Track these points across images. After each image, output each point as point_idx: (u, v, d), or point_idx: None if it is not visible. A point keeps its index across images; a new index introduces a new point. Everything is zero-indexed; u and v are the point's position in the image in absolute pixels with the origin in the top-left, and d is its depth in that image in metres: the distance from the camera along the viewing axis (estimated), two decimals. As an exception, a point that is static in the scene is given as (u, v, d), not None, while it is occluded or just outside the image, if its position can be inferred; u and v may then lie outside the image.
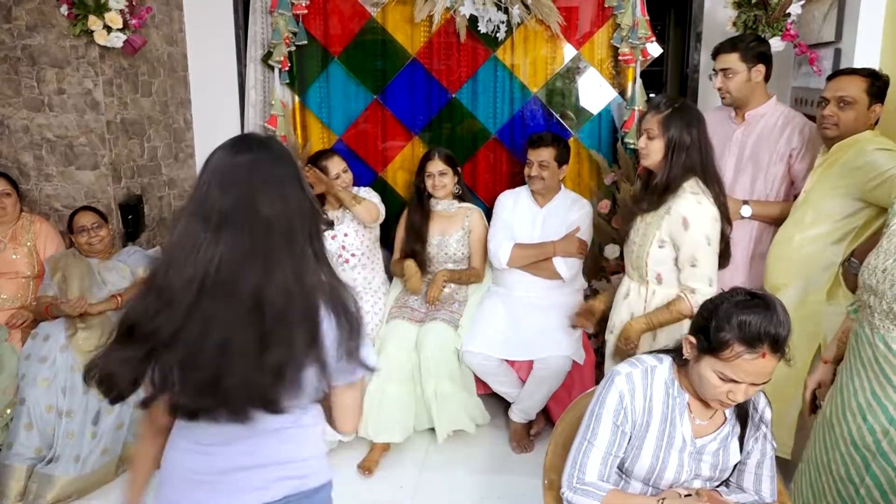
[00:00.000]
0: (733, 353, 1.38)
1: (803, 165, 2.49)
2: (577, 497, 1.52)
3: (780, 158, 2.52)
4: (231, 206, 1.12)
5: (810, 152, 2.47)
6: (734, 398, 1.43)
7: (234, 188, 1.13)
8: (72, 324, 2.71)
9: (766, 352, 1.37)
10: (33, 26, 3.03)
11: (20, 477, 2.56)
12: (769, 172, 2.54)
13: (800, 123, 2.53)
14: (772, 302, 1.41)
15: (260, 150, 1.18)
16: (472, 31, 3.34)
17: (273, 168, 1.17)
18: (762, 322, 1.37)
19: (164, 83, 3.46)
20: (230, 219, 1.12)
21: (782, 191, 2.56)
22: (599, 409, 1.56)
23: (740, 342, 1.38)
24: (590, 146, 3.43)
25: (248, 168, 1.15)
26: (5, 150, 3.16)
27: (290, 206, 1.16)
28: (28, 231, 2.99)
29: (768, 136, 2.54)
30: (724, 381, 1.42)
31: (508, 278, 3.04)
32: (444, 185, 3.10)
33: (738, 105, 2.58)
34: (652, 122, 2.14)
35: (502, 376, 2.90)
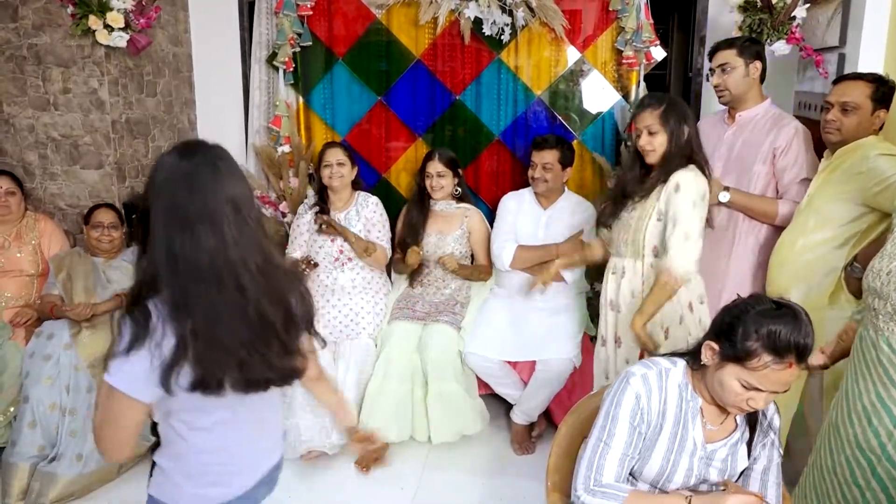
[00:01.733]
0: (761, 362, 1.38)
1: (785, 162, 2.48)
2: (594, 500, 1.49)
3: (763, 159, 2.52)
4: (201, 202, 1.21)
5: (795, 150, 2.47)
6: (754, 405, 1.43)
7: (198, 187, 1.22)
8: (76, 323, 2.71)
9: (792, 362, 1.37)
10: (39, 26, 3.04)
11: (23, 475, 2.56)
12: (754, 174, 2.54)
13: (787, 124, 2.52)
14: (798, 311, 1.40)
15: (204, 152, 1.26)
16: (477, 33, 3.35)
17: (221, 165, 1.26)
18: (791, 332, 1.36)
19: (168, 83, 3.47)
20: (205, 215, 1.21)
21: (768, 193, 2.56)
22: (615, 410, 1.55)
23: (769, 352, 1.37)
24: (593, 149, 3.44)
25: (202, 167, 1.23)
26: (10, 148, 3.16)
27: (246, 195, 1.28)
28: (32, 230, 3.00)
29: (756, 137, 2.55)
30: (746, 389, 1.42)
31: (511, 280, 3.04)
32: (441, 187, 3.12)
33: (735, 103, 2.59)
34: (650, 118, 2.19)
35: (504, 378, 2.91)
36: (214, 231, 1.20)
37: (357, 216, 3.15)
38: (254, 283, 1.24)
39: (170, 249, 1.19)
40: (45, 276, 2.93)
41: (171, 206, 1.20)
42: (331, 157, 3.11)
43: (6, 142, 3.16)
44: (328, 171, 3.09)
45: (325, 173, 3.10)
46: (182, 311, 1.20)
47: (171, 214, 1.20)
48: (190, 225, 1.19)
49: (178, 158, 1.23)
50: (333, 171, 3.09)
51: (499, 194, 3.28)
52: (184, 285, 1.20)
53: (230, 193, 1.23)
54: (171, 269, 1.19)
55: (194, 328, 1.19)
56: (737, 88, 2.55)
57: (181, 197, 1.19)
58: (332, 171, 3.09)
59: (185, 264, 1.19)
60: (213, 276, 1.21)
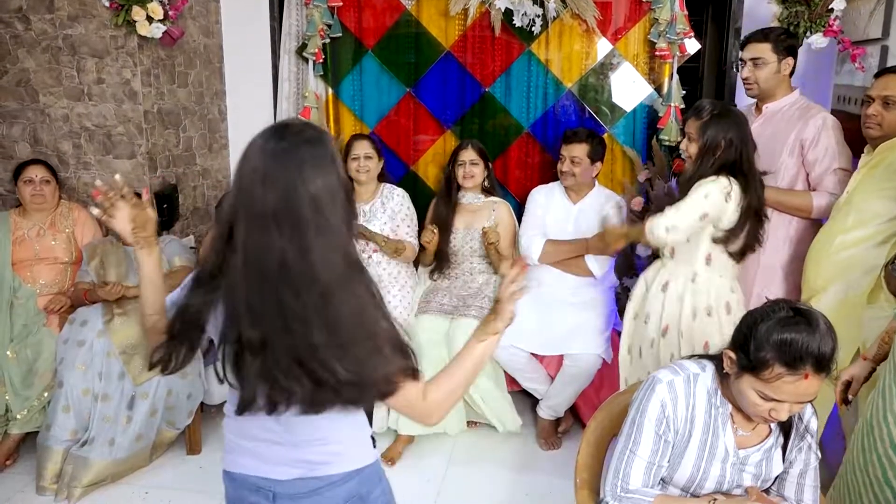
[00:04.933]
0: (773, 373, 1.33)
1: (815, 154, 2.44)
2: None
3: (790, 152, 2.47)
4: (277, 196, 1.10)
5: (825, 142, 2.42)
6: (777, 416, 1.38)
7: (278, 177, 1.11)
8: (109, 309, 2.75)
9: (808, 372, 1.30)
10: (75, 17, 3.07)
11: (56, 459, 2.62)
12: (781, 165, 2.49)
13: (814, 115, 2.47)
14: (815, 318, 1.34)
15: (295, 136, 1.15)
16: (507, 24, 3.32)
17: (311, 151, 1.14)
18: (804, 341, 1.30)
19: (199, 74, 3.50)
20: (280, 209, 1.10)
21: (797, 185, 2.51)
22: (640, 418, 1.52)
23: (781, 363, 1.32)
24: (624, 142, 3.40)
25: (287, 154, 1.12)
26: (46, 138, 3.22)
27: (331, 188, 1.14)
28: (67, 218, 3.04)
29: (782, 129, 2.50)
30: (765, 400, 1.37)
31: (540, 274, 3.02)
32: (473, 176, 3.10)
33: (762, 97, 2.55)
34: (692, 126, 2.23)
35: (531, 372, 2.89)
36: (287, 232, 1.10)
37: (382, 208, 3.14)
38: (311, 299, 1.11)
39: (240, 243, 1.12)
40: (79, 264, 2.97)
41: (245, 196, 1.11)
42: (358, 150, 3.10)
43: (42, 131, 3.21)
44: (355, 163, 3.09)
45: (352, 166, 3.09)
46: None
47: (244, 206, 1.11)
48: (261, 221, 1.09)
49: (265, 141, 1.13)
50: (361, 164, 3.08)
51: (528, 188, 3.25)
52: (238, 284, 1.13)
53: (311, 189, 1.10)
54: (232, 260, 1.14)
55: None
56: (766, 83, 2.50)
57: (256, 189, 1.10)
58: (359, 164, 3.09)
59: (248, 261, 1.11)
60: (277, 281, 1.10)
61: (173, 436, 2.83)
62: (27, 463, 2.76)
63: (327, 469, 1.30)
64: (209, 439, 2.99)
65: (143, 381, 2.69)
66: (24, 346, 2.79)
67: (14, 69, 3.15)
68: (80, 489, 2.56)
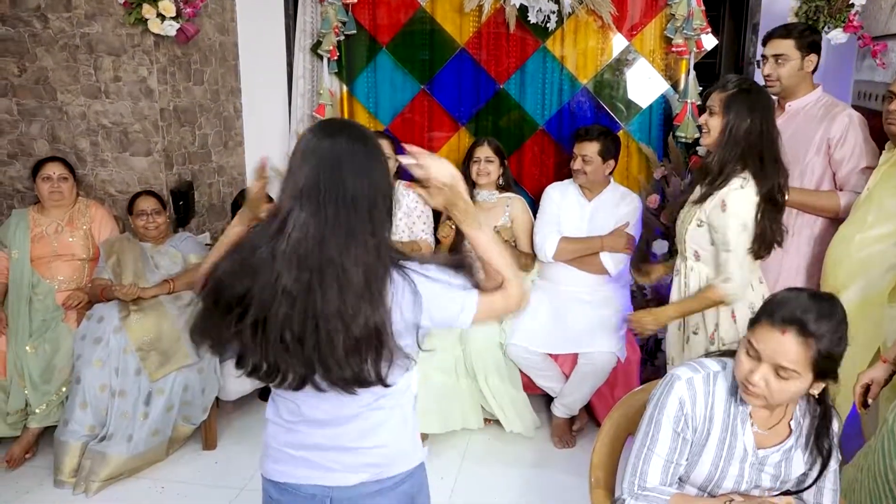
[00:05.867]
0: (760, 324, 1.39)
1: (843, 153, 2.40)
2: (637, 503, 1.48)
3: (816, 150, 2.43)
4: (320, 185, 1.17)
5: (852, 141, 2.38)
6: (753, 380, 1.38)
7: (323, 168, 1.18)
8: (125, 306, 2.78)
9: (786, 329, 1.34)
10: (91, 15, 3.10)
11: (74, 454, 2.64)
12: (807, 166, 2.46)
13: (840, 112, 2.42)
14: (819, 295, 1.41)
15: (343, 132, 1.22)
16: (522, 21, 3.30)
17: (357, 147, 1.21)
18: (793, 299, 1.38)
19: (215, 72, 3.51)
20: (319, 198, 1.16)
21: (824, 184, 2.47)
22: (658, 415, 1.51)
23: (767, 314, 1.39)
24: (639, 139, 3.38)
25: (334, 149, 1.19)
26: (64, 135, 3.24)
27: (374, 185, 1.20)
28: (84, 215, 3.07)
29: (806, 127, 2.46)
30: (749, 358, 1.40)
31: (554, 272, 3.01)
32: (488, 173, 3.08)
33: (785, 94, 2.51)
34: (715, 99, 2.12)
35: (546, 370, 2.88)
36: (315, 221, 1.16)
37: (397, 205, 3.14)
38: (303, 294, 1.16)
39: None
40: (96, 261, 3.00)
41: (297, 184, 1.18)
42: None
43: (60, 129, 3.24)
44: None
45: None
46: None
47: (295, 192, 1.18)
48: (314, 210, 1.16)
49: (317, 138, 1.21)
50: None
51: (542, 185, 3.23)
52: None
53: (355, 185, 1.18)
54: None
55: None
56: (789, 80, 2.46)
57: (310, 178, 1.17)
58: None
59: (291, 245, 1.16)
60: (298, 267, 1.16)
61: (189, 431, 2.85)
62: (46, 457, 2.79)
63: (389, 471, 1.33)
64: (225, 434, 3.01)
65: (160, 377, 2.71)
66: (43, 341, 2.82)
67: (33, 67, 3.18)
68: (98, 483, 2.59)
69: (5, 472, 2.73)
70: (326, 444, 1.31)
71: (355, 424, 1.30)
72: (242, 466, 2.78)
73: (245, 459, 2.83)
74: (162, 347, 2.75)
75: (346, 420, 1.30)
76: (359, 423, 1.30)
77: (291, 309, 1.15)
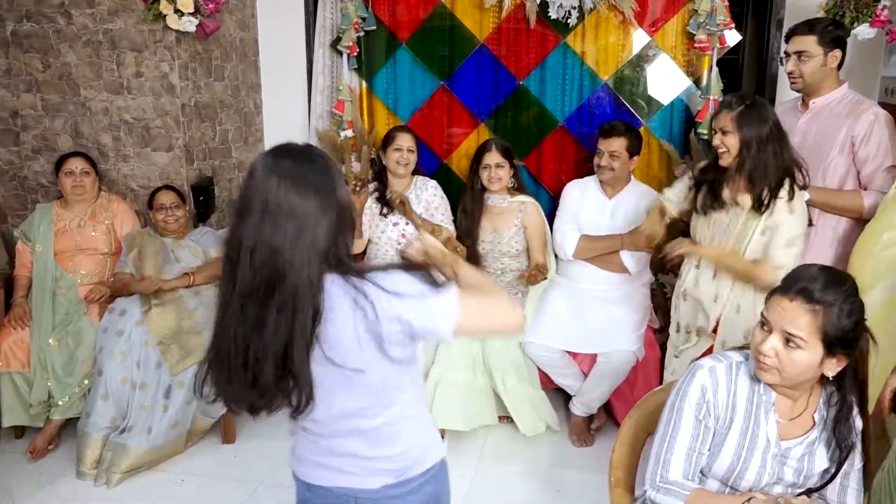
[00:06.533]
0: (772, 296, 1.45)
1: (867, 152, 2.36)
2: (660, 496, 1.47)
3: (840, 149, 2.39)
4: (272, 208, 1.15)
5: (877, 139, 2.34)
6: (763, 349, 1.41)
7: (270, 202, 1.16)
8: (146, 300, 2.80)
9: (794, 296, 1.39)
10: (114, 11, 3.12)
11: (96, 445, 2.68)
12: (830, 164, 2.42)
13: (866, 109, 2.38)
14: (833, 270, 1.47)
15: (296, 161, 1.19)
16: (542, 16, 3.28)
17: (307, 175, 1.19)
18: (803, 271, 1.45)
19: (236, 68, 3.53)
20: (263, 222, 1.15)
21: (847, 184, 2.43)
22: (680, 403, 1.52)
23: (779, 287, 1.45)
24: (660, 136, 3.34)
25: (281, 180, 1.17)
26: (86, 130, 3.28)
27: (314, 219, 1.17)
28: (106, 209, 3.10)
29: (831, 125, 2.42)
30: (761, 331, 1.44)
31: (573, 270, 3.00)
32: (499, 178, 3.03)
33: (808, 91, 2.47)
34: (725, 119, 2.19)
35: (564, 368, 2.87)
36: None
37: (417, 199, 3.14)
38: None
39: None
40: (118, 255, 3.03)
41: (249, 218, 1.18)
42: (402, 142, 3.09)
43: (82, 124, 3.27)
44: (398, 154, 3.07)
45: (395, 157, 3.08)
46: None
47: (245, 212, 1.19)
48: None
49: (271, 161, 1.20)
50: (403, 156, 3.07)
51: (562, 182, 3.22)
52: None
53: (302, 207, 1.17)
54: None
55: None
56: (812, 77, 2.42)
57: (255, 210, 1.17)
58: (402, 155, 3.07)
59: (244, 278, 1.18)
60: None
61: (208, 425, 2.87)
62: (68, 449, 2.83)
63: (412, 472, 1.33)
64: (243, 429, 3.03)
65: (180, 370, 2.74)
66: (66, 334, 2.86)
67: (56, 63, 3.22)
68: (119, 475, 2.62)
69: (28, 462, 2.78)
70: (344, 452, 1.31)
71: (370, 437, 1.30)
72: (261, 461, 2.79)
73: (264, 454, 2.84)
74: (182, 341, 2.77)
75: (361, 434, 1.29)
76: (371, 436, 1.30)
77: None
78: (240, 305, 1.17)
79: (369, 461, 1.31)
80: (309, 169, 1.19)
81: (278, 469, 2.70)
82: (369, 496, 1.32)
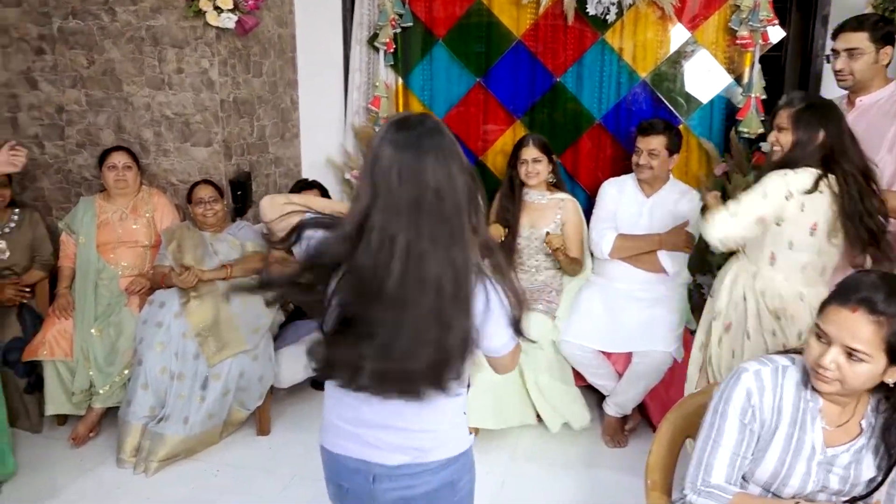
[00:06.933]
0: (829, 305, 1.39)
1: None
2: (701, 500, 1.46)
3: (889, 146, 2.32)
4: (400, 186, 1.16)
5: None
6: (824, 363, 1.36)
7: (405, 170, 1.17)
8: (185, 292, 2.85)
9: (856, 307, 1.34)
10: (157, 8, 3.17)
11: (135, 434, 2.74)
12: (879, 163, 2.34)
13: None
14: (888, 274, 1.41)
15: (418, 127, 1.21)
16: (581, 13, 3.25)
17: (435, 142, 1.20)
18: (862, 279, 1.38)
19: (273, 64, 3.57)
20: (405, 202, 1.16)
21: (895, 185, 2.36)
22: (724, 406, 1.49)
23: (836, 296, 1.39)
24: (700, 134, 3.28)
25: (415, 148, 1.18)
26: (129, 125, 3.34)
27: (454, 182, 1.20)
28: (147, 203, 3.16)
29: (879, 123, 2.35)
30: (819, 343, 1.39)
31: (609, 269, 2.97)
32: (537, 173, 3.01)
33: (856, 89, 2.41)
34: (783, 115, 2.14)
35: (598, 368, 2.84)
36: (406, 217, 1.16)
37: None
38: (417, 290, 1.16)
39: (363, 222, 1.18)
40: (158, 248, 3.08)
41: (377, 183, 1.18)
42: None
43: (125, 119, 3.34)
44: None
45: None
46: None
47: (375, 192, 1.18)
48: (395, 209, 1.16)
49: (394, 132, 1.20)
50: None
51: (599, 180, 3.19)
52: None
53: (434, 180, 1.16)
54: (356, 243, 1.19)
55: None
56: (862, 74, 2.36)
57: (391, 178, 1.17)
58: None
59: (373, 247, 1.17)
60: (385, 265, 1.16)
61: (244, 416, 2.91)
62: (108, 436, 2.90)
63: (433, 455, 1.36)
64: (278, 421, 3.07)
65: (217, 361, 2.78)
66: (108, 324, 2.92)
67: (101, 59, 3.29)
68: (157, 463, 2.67)
69: (71, 449, 2.85)
70: (374, 421, 1.34)
71: (409, 407, 1.30)
72: (295, 453, 2.82)
73: (298, 446, 2.87)
74: (219, 333, 2.81)
75: (405, 406, 1.30)
76: (413, 406, 1.30)
77: (380, 313, 1.17)
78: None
79: (396, 433, 1.33)
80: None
81: (312, 461, 2.68)
82: (386, 472, 1.35)
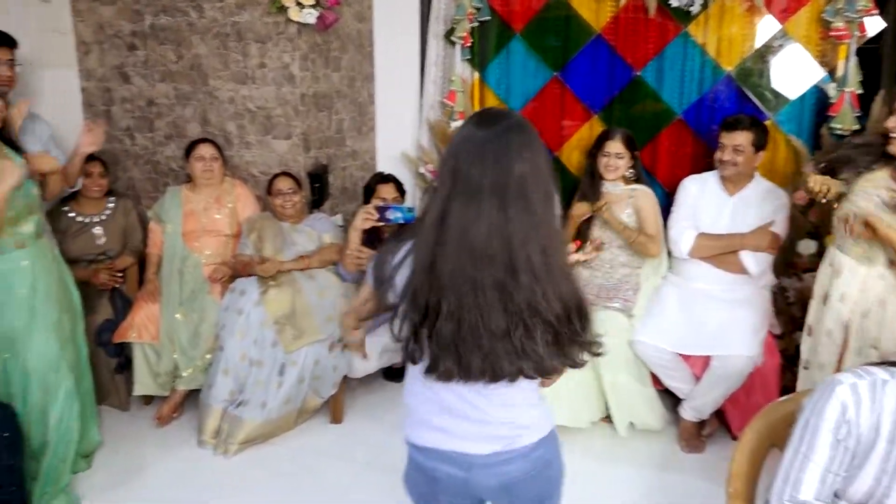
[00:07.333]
0: None
1: None
2: None
3: None
4: (489, 179, 1.18)
5: None
6: None
7: (488, 160, 1.19)
8: (264, 282, 2.94)
9: None
10: (241, 4, 3.27)
11: (216, 416, 2.84)
12: None
13: None
14: None
15: (501, 122, 1.23)
16: (663, 4, 3.17)
17: (519, 137, 1.22)
18: None
19: (352, 59, 3.62)
20: (488, 191, 1.18)
21: None
22: (817, 421, 1.41)
23: None
24: (788, 131, 3.15)
25: (497, 139, 1.20)
26: (214, 119, 3.46)
27: (540, 174, 1.22)
28: (230, 194, 3.26)
29: None
30: None
31: (688, 268, 2.88)
32: (616, 168, 2.96)
33: None
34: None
35: (675, 370, 2.77)
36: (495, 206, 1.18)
37: None
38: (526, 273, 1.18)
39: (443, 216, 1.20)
40: (239, 237, 3.18)
41: (458, 172, 1.20)
42: None
43: (210, 112, 3.46)
44: None
45: None
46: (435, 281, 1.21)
47: (455, 180, 1.20)
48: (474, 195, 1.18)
49: (475, 127, 1.23)
50: None
51: (678, 177, 3.09)
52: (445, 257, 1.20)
53: (519, 169, 1.19)
54: (438, 235, 1.21)
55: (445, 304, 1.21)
56: None
57: (472, 165, 1.19)
58: None
59: (454, 234, 1.19)
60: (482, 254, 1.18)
61: (318, 404, 2.98)
62: (190, 418, 3.02)
63: (521, 441, 1.37)
64: (350, 410, 3.13)
65: (293, 349, 2.85)
66: (192, 310, 3.04)
67: (188, 55, 3.41)
68: (236, 445, 2.77)
69: (155, 428, 2.99)
70: (462, 413, 1.34)
71: (496, 397, 1.32)
72: (367, 442, 2.87)
73: (370, 435, 2.92)
74: (296, 322, 2.89)
75: (489, 391, 1.31)
76: (499, 395, 1.32)
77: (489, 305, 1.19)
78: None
79: (484, 426, 1.34)
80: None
81: (384, 451, 2.77)
82: (481, 461, 1.36)
